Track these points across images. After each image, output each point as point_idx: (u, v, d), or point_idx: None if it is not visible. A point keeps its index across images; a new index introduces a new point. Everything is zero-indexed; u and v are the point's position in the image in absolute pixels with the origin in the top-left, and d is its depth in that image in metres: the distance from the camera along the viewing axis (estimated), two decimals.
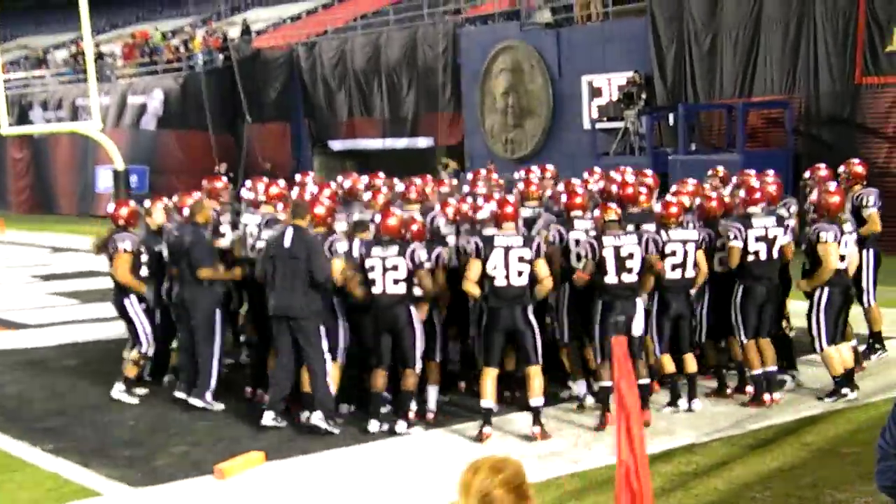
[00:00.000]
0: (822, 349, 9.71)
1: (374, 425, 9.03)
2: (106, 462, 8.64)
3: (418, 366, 9.08)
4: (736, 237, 9.57)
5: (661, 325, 9.45)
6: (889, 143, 19.14)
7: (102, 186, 32.79)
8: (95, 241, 10.64)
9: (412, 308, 8.99)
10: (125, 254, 10.23)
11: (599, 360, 9.07)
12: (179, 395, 10.18)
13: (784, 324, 10.39)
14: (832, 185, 10.37)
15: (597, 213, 9.31)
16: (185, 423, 9.66)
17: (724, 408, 9.54)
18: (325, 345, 9.10)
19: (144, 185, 32.14)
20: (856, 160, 11.46)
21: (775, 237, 9.62)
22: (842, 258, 9.72)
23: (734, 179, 11.40)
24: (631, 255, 8.94)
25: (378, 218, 9.25)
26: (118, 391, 10.45)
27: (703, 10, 21.96)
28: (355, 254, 9.22)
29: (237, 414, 9.84)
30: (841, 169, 11.19)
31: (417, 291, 9.08)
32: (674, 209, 9.50)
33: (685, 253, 9.37)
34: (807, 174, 11.54)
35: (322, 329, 9.10)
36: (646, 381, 9.10)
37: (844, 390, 9.66)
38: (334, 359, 9.33)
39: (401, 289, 8.90)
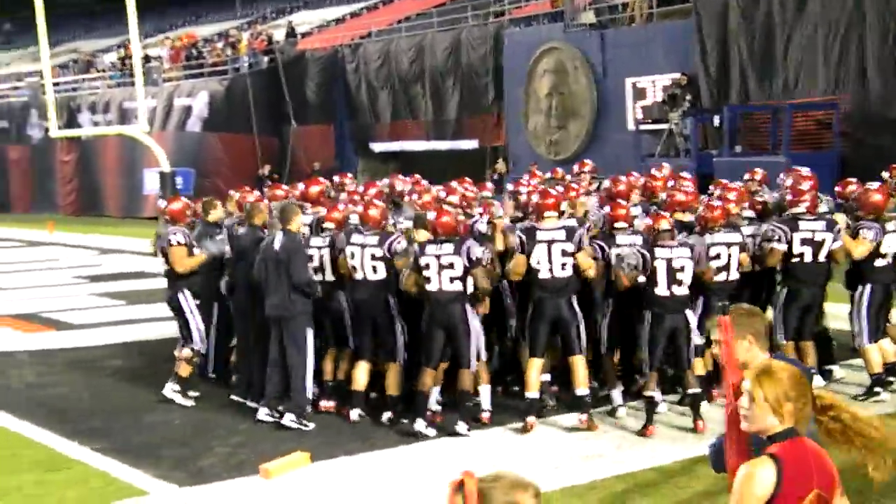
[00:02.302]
0: (861, 345, 9.74)
1: (420, 424, 9.05)
2: (152, 462, 8.73)
3: (473, 364, 9.08)
4: (780, 239, 9.52)
5: (702, 328, 9.38)
6: None
7: (149, 188, 33.10)
8: (154, 241, 10.83)
9: (468, 306, 9.00)
10: (179, 246, 10.31)
11: (648, 370, 9.03)
12: (236, 398, 10.27)
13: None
14: (874, 184, 10.31)
15: (648, 221, 9.25)
16: (231, 424, 9.73)
17: None
18: (310, 346, 9.31)
19: (190, 187, 32.38)
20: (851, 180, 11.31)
21: (823, 241, 9.55)
22: (883, 256, 9.71)
23: (782, 177, 11.29)
24: (682, 268, 8.89)
25: (432, 216, 9.27)
26: (171, 391, 10.46)
27: (748, 11, 21.77)
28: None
29: None
30: (885, 174, 11.09)
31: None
32: (717, 212, 9.45)
33: (729, 256, 9.31)
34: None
35: (309, 330, 9.31)
36: (696, 390, 9.02)
37: (877, 389, 9.66)
38: (395, 360, 9.42)
39: (457, 286, 8.89)
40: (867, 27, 19.71)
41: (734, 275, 9.38)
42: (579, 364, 8.99)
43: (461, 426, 8.99)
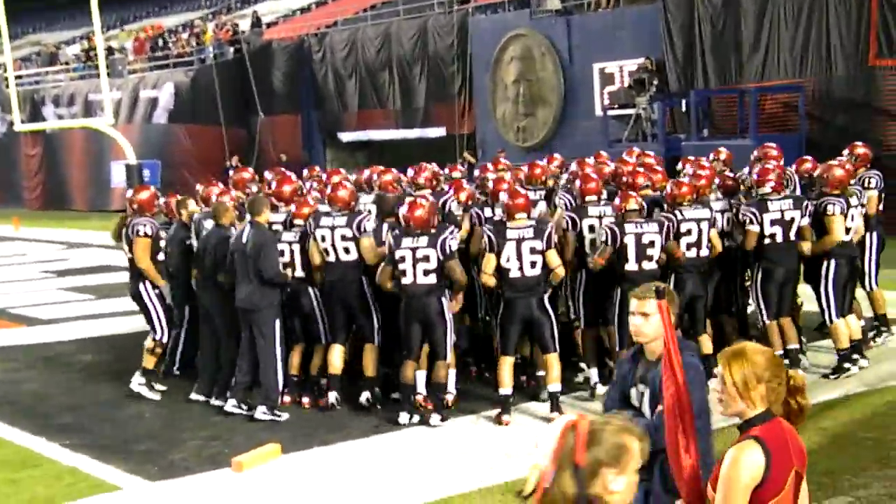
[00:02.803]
0: (831, 321, 9.85)
1: (404, 417, 9.03)
2: (123, 456, 8.67)
3: (450, 356, 9.07)
4: (751, 221, 9.58)
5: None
6: None
7: (116, 181, 32.87)
8: (114, 229, 10.67)
9: (443, 299, 8.97)
10: (144, 238, 10.17)
11: (619, 349, 9.06)
12: (197, 396, 10.17)
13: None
14: (836, 161, 10.42)
15: (616, 201, 9.30)
16: (202, 417, 9.67)
17: None
18: (278, 338, 9.28)
19: (157, 179, 32.17)
20: (859, 143, 11.46)
21: (792, 219, 9.62)
22: (847, 230, 9.83)
23: (755, 156, 11.36)
24: (652, 243, 8.95)
25: (404, 209, 9.19)
26: (137, 384, 10.40)
27: None
28: (384, 238, 9.33)
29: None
30: (845, 151, 11.20)
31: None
32: (685, 189, 9.51)
33: (700, 231, 9.36)
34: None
35: (277, 322, 9.29)
36: None
37: (847, 365, 9.77)
38: (371, 341, 9.42)
39: (432, 279, 8.85)
40: (831, 10, 19.82)
41: (705, 251, 9.42)
42: (553, 362, 8.99)
43: (435, 418, 8.97)
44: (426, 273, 8.83)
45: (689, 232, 9.35)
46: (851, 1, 19.49)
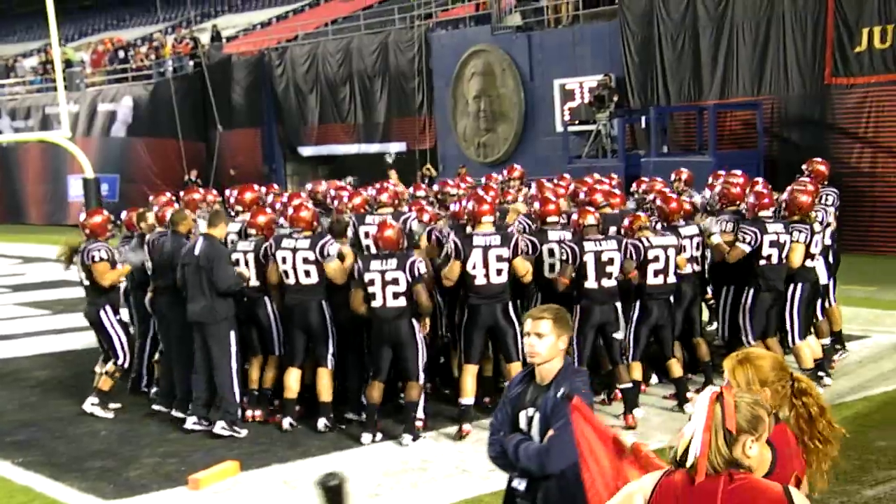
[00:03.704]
0: (794, 343, 9.91)
1: (366, 437, 8.96)
2: (78, 475, 8.54)
3: (422, 377, 8.96)
4: (748, 241, 9.58)
5: (639, 332, 9.43)
6: (859, 143, 19.26)
7: (74, 196, 32.55)
8: (62, 251, 10.41)
9: (414, 321, 8.88)
10: (102, 262, 10.03)
11: (577, 364, 9.05)
12: (158, 407, 10.09)
13: None
14: (803, 185, 10.47)
15: (574, 216, 9.30)
16: (158, 434, 9.56)
17: None
18: (234, 351, 9.20)
19: (115, 193, 31.95)
20: (818, 159, 11.53)
21: (785, 243, 9.67)
22: (812, 256, 9.87)
23: (711, 180, 11.41)
24: (611, 261, 8.95)
25: (374, 230, 9.13)
26: (91, 405, 10.26)
27: (673, 13, 22.03)
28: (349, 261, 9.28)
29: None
30: (804, 167, 11.28)
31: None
32: (640, 220, 9.53)
33: (667, 258, 9.37)
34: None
35: (232, 334, 9.21)
36: (628, 385, 9.12)
37: (820, 373, 9.89)
38: (325, 365, 9.31)
39: (401, 302, 8.73)
40: (787, 29, 20.06)
41: (672, 278, 9.43)
42: (517, 370, 8.95)
43: (406, 438, 8.90)
44: (395, 296, 8.73)
45: (656, 259, 9.33)
46: (808, 20, 19.75)
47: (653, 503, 3.19)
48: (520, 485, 4.72)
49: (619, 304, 9.13)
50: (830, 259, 10.83)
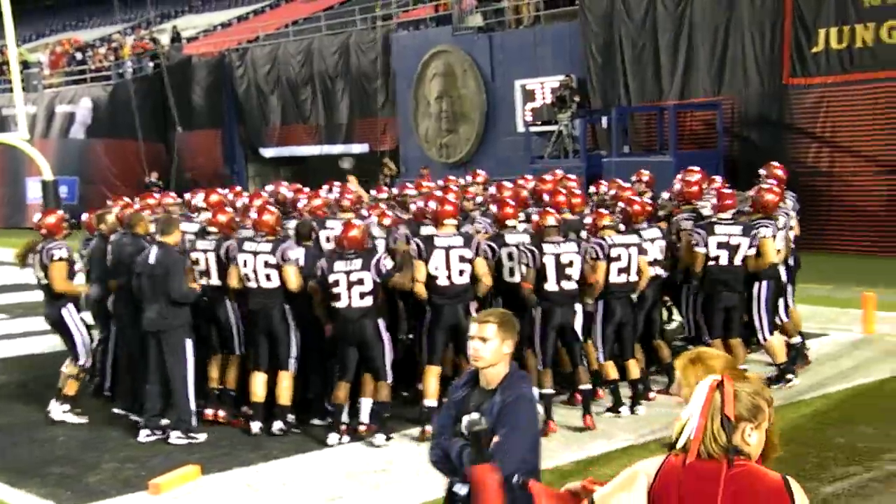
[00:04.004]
0: (766, 339, 10.06)
1: (333, 438, 8.92)
2: (37, 481, 8.43)
3: (389, 376, 8.93)
4: (698, 244, 9.68)
5: (606, 331, 9.47)
6: (817, 142, 19.47)
7: (33, 198, 32.21)
8: (19, 252, 10.28)
9: (380, 320, 8.86)
10: (61, 262, 9.86)
11: (541, 368, 9.07)
12: (119, 411, 10.00)
13: None
14: (768, 184, 10.60)
15: (535, 217, 9.31)
16: (119, 438, 9.46)
17: (662, 409, 9.60)
18: (189, 359, 9.10)
19: (74, 195, 31.66)
20: (776, 163, 11.64)
21: (738, 245, 9.72)
22: (777, 252, 10.03)
23: (677, 180, 11.44)
24: (571, 263, 8.96)
25: (339, 230, 9.06)
26: (60, 412, 10.07)
27: (634, 13, 22.16)
28: (304, 262, 9.24)
29: None
30: (762, 172, 11.36)
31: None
32: (606, 220, 9.56)
33: (629, 257, 9.41)
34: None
35: (188, 342, 9.12)
36: (587, 386, 9.15)
37: (789, 375, 10.01)
38: (286, 368, 9.26)
39: (367, 302, 8.71)
40: (746, 30, 20.24)
41: (634, 277, 9.47)
42: None
43: (379, 438, 8.88)
44: (362, 296, 8.71)
45: (619, 257, 9.37)
46: (766, 21, 19.94)
47: (656, 485, 3.24)
48: (461, 490, 4.68)
49: (578, 307, 9.14)
50: (791, 261, 10.92)
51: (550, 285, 8.95)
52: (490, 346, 4.63)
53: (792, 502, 3.10)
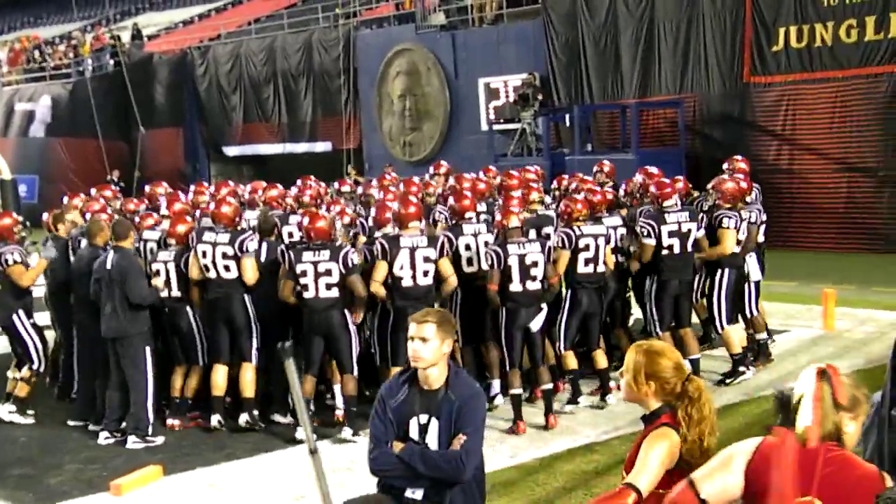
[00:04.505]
0: (722, 328, 10.13)
1: (301, 433, 8.90)
2: None
3: (355, 369, 8.96)
4: (649, 234, 9.73)
5: (570, 322, 9.48)
6: (777, 140, 19.63)
7: None
8: None
9: (346, 312, 8.87)
10: (17, 265, 9.77)
11: (509, 368, 9.07)
12: (74, 422, 9.85)
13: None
14: (729, 175, 10.70)
15: (498, 218, 9.29)
16: (80, 439, 9.39)
17: (624, 406, 9.61)
18: (149, 365, 9.00)
19: (34, 194, 31.35)
20: (739, 157, 11.78)
21: (689, 231, 9.80)
22: (739, 242, 10.09)
23: (638, 177, 11.47)
24: (535, 263, 8.96)
25: (305, 221, 9.04)
26: (7, 413, 10.01)
27: (596, 12, 22.24)
28: (265, 255, 9.30)
29: None
30: (725, 165, 11.46)
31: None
32: (580, 206, 9.58)
33: (597, 247, 9.44)
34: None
35: (147, 349, 9.04)
36: (548, 386, 9.16)
37: (741, 368, 10.11)
38: (249, 360, 9.25)
39: (334, 293, 8.74)
40: (707, 29, 20.38)
41: (601, 267, 9.50)
42: None
43: (346, 431, 8.87)
44: (328, 287, 8.73)
45: (586, 247, 9.40)
46: (727, 20, 20.08)
47: (753, 465, 3.37)
48: (415, 494, 4.69)
49: (544, 307, 9.14)
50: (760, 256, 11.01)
51: (515, 286, 8.93)
52: (431, 346, 4.65)
53: (885, 489, 3.21)
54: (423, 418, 4.69)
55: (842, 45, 18.73)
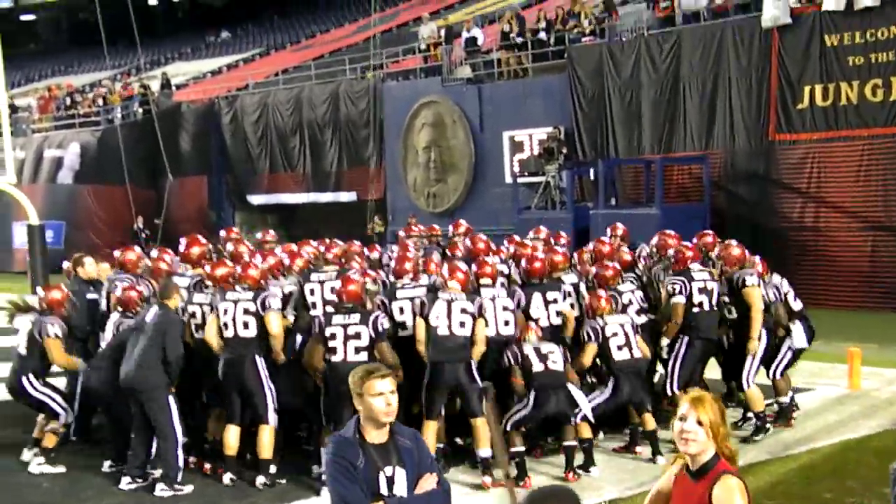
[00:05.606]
0: (748, 386, 10.09)
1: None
2: None
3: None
4: (680, 292, 9.72)
5: (608, 407, 9.48)
6: (802, 197, 19.61)
7: (19, 243, 32.10)
8: (11, 309, 10.18)
9: None
10: (56, 339, 9.77)
11: (510, 429, 9.04)
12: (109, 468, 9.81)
13: None
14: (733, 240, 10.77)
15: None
16: (102, 486, 9.35)
17: (645, 463, 9.55)
18: (174, 413, 8.96)
19: (61, 240, 31.58)
20: (734, 242, 11.05)
21: (713, 289, 9.81)
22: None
23: (654, 240, 11.38)
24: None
25: (338, 284, 9.06)
26: (37, 464, 9.90)
27: (622, 68, 22.38)
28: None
29: None
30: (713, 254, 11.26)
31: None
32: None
33: (626, 334, 9.45)
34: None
35: (171, 399, 8.99)
36: (572, 443, 9.12)
37: (768, 426, 10.12)
38: (266, 422, 9.11)
39: (363, 357, 8.55)
40: (733, 86, 20.46)
41: (637, 352, 9.43)
42: (482, 425, 8.96)
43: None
44: (357, 350, 8.61)
45: (615, 334, 9.40)
46: (752, 77, 20.16)
47: None
48: None
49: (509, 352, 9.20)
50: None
51: (537, 367, 8.96)
52: (396, 398, 4.75)
53: None
54: (388, 470, 4.70)
55: (867, 105, 18.76)
